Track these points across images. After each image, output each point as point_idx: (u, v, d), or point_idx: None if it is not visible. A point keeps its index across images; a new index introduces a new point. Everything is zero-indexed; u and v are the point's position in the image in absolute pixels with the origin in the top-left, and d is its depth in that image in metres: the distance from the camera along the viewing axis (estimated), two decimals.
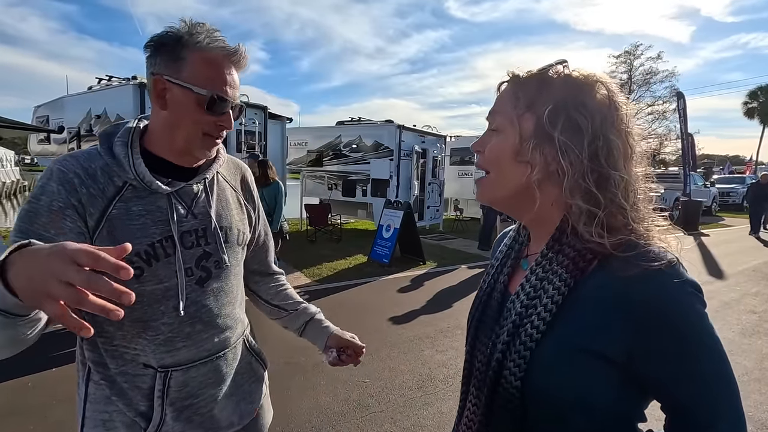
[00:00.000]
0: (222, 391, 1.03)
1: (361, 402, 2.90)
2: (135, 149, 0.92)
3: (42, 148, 8.86)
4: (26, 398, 2.78)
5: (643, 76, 32.93)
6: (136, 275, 0.89)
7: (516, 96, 0.67)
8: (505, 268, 0.78)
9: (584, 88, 0.64)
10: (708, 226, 13.89)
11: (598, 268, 0.62)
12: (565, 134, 0.61)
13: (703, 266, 7.83)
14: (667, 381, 0.60)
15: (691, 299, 0.59)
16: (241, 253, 1.08)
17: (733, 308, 5.30)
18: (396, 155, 9.49)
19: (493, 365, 0.67)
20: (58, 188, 0.85)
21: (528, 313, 0.65)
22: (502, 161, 0.68)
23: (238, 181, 1.12)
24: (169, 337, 0.93)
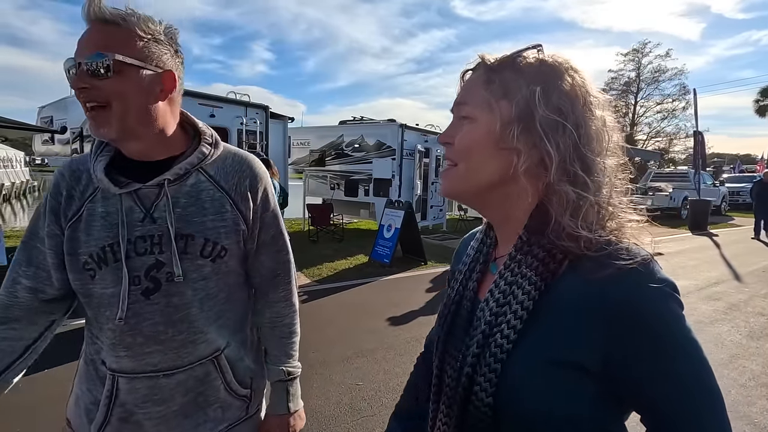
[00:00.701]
0: (171, 410, 0.94)
1: (354, 405, 2.84)
2: (106, 150, 0.91)
3: (46, 148, 8.92)
4: (16, 399, 2.76)
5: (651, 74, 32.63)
6: (90, 275, 0.89)
7: (489, 81, 0.62)
8: (473, 273, 0.72)
9: (560, 74, 0.61)
10: (717, 226, 13.66)
11: (569, 270, 0.58)
12: (549, 119, 0.58)
13: (711, 267, 7.67)
14: (644, 387, 0.55)
15: (667, 299, 0.55)
16: (210, 267, 0.93)
17: (741, 310, 5.17)
18: (398, 154, 9.44)
19: (463, 381, 0.62)
20: (50, 191, 0.93)
21: (498, 322, 0.60)
22: (477, 150, 0.63)
23: (234, 182, 0.97)
24: (113, 343, 0.90)
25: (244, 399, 1.04)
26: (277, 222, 1.07)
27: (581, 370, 0.56)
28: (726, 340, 4.25)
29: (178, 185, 0.92)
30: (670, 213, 15.55)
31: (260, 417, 1.11)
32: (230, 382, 1.00)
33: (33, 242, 0.94)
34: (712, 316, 4.88)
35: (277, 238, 1.07)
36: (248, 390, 1.05)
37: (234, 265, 0.98)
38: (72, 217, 0.90)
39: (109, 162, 0.91)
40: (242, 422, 1.05)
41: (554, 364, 0.56)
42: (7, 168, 20.98)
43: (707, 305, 5.29)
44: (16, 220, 14.72)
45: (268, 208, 1.03)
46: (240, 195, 0.97)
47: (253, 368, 1.08)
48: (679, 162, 31.26)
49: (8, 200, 19.02)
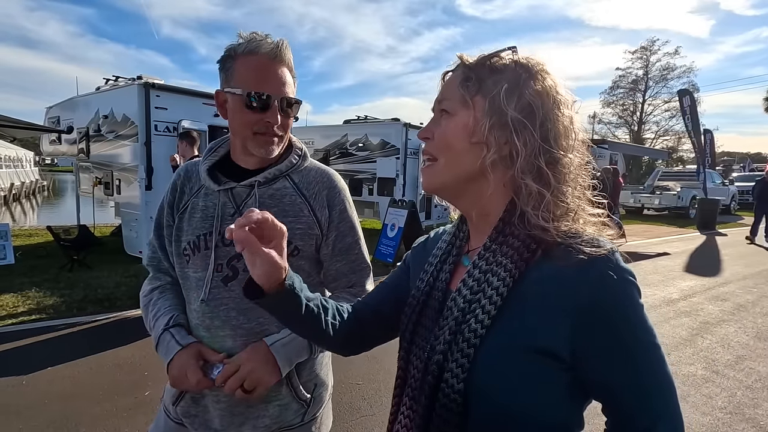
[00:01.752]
0: (230, 398, 1.01)
1: (353, 405, 2.83)
2: (214, 154, 1.09)
3: (54, 148, 9.00)
4: (19, 396, 2.78)
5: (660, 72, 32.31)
6: (186, 260, 1.06)
7: (466, 78, 0.65)
8: (445, 265, 0.74)
9: (532, 74, 0.64)
10: (726, 226, 13.49)
11: (542, 259, 0.61)
12: (518, 115, 0.61)
13: (719, 266, 7.58)
14: (605, 372, 0.58)
15: (630, 287, 0.58)
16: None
17: (749, 311, 5.09)
18: (402, 154, 9.41)
19: (432, 368, 0.62)
20: (169, 187, 1.12)
21: (471, 308, 0.62)
22: (454, 144, 0.65)
23: (315, 191, 1.08)
24: (197, 323, 1.04)
25: (303, 404, 1.08)
26: (354, 233, 1.13)
27: (552, 357, 0.57)
28: (733, 341, 4.19)
29: (266, 187, 1.05)
30: (679, 212, 15.38)
31: (314, 427, 1.12)
32: (294, 382, 1.05)
33: (158, 231, 1.13)
34: (719, 317, 4.81)
35: (353, 247, 1.13)
36: (309, 396, 1.09)
37: (305, 265, 1.08)
38: (181, 209, 1.09)
39: (213, 164, 1.08)
40: (296, 428, 1.08)
41: (527, 350, 0.58)
42: (17, 168, 21.26)
43: (714, 305, 5.22)
44: (26, 219, 14.90)
45: (344, 218, 1.11)
46: (318, 203, 1.08)
47: (319, 375, 1.13)
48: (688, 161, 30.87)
49: (18, 199, 19.26)
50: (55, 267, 5.78)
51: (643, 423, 0.58)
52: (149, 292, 1.12)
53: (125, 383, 2.98)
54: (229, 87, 0.99)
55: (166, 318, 1.04)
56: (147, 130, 5.99)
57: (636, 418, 0.58)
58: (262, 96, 0.97)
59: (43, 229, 8.87)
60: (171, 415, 1.09)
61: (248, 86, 0.96)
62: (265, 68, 0.98)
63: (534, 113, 0.61)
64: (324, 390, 1.15)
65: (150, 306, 1.09)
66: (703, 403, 3.03)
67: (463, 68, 0.67)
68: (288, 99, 1.01)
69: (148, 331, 1.09)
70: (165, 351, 1.00)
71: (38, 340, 3.64)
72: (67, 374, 3.08)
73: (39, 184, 24.93)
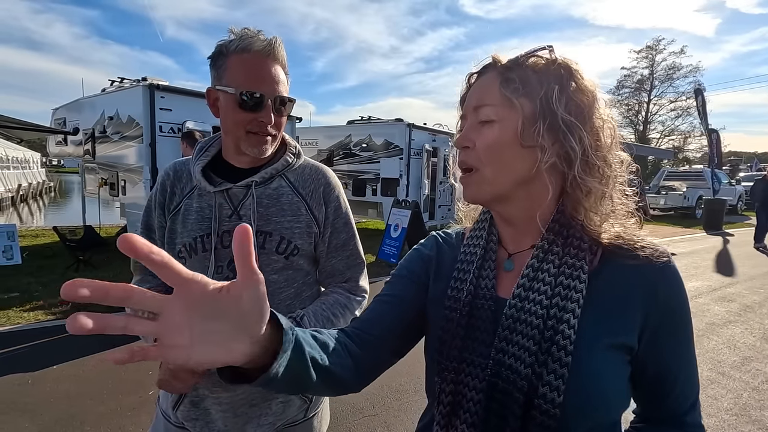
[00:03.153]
0: (238, 397, 1.02)
1: (355, 404, 2.83)
2: (205, 154, 1.06)
3: (60, 149, 9.08)
4: (24, 395, 2.81)
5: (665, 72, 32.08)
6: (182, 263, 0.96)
7: (507, 80, 0.62)
8: (484, 271, 0.68)
9: (573, 73, 0.62)
10: (733, 226, 13.37)
11: (604, 259, 0.62)
12: (570, 114, 0.60)
13: (725, 267, 7.51)
14: (668, 361, 0.62)
15: (685, 289, 0.63)
16: (283, 263, 1.03)
17: (755, 311, 5.05)
18: (406, 154, 9.40)
19: (521, 385, 0.56)
20: (157, 187, 1.08)
21: (552, 314, 0.58)
22: (504, 151, 0.61)
23: (311, 189, 1.08)
24: None
25: (305, 400, 1.09)
26: (349, 228, 1.13)
27: (627, 351, 0.59)
28: (739, 342, 4.15)
29: (263, 187, 1.04)
30: (685, 212, 15.26)
31: (316, 422, 1.14)
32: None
33: (149, 233, 1.09)
34: (726, 318, 4.77)
35: (348, 242, 1.13)
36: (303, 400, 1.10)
37: (304, 264, 1.07)
38: (173, 211, 1.05)
39: (206, 164, 1.05)
40: (299, 424, 1.10)
41: (612, 347, 0.58)
42: (25, 169, 21.45)
43: (720, 306, 5.18)
44: (33, 220, 15.04)
45: (339, 215, 1.11)
46: (315, 201, 1.07)
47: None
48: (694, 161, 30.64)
49: (25, 200, 19.44)
50: (61, 267, 5.83)
51: (687, 404, 0.64)
52: None
53: (129, 382, 3.00)
54: (221, 85, 0.97)
55: None
56: (152, 131, 6.03)
57: (683, 400, 0.64)
58: (256, 95, 0.95)
59: (50, 229, 8.94)
60: (171, 419, 1.08)
61: (241, 85, 0.95)
62: (258, 66, 0.96)
63: (583, 112, 0.60)
64: None
65: None
66: (708, 404, 3.00)
67: (501, 69, 0.63)
68: (281, 98, 0.99)
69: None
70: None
71: (45, 339, 3.67)
72: (73, 373, 3.11)
73: (46, 185, 25.14)
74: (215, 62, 0.99)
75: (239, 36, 0.96)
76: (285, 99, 1.00)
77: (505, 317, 0.61)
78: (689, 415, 0.64)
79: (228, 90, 0.95)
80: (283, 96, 1.00)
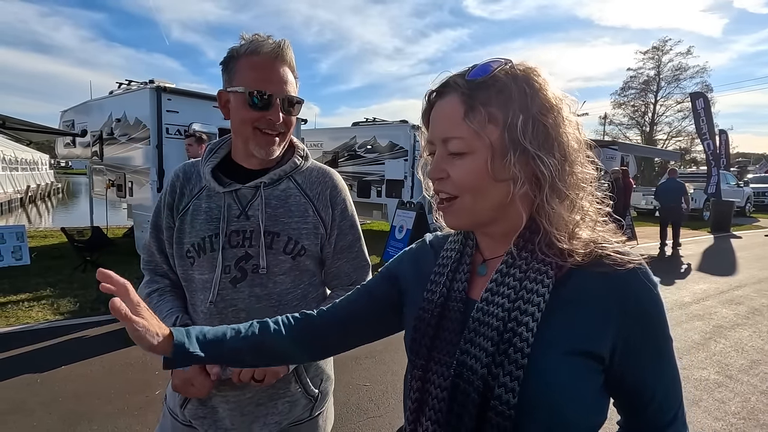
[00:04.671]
0: (246, 396, 1.03)
1: (360, 406, 2.84)
2: (215, 156, 1.08)
3: (68, 151, 9.18)
4: (33, 394, 2.84)
5: (672, 73, 31.87)
6: (190, 262, 1.05)
7: (470, 107, 0.60)
8: (458, 274, 0.69)
9: (534, 86, 0.60)
10: (740, 228, 13.23)
11: (577, 267, 0.61)
12: (537, 140, 0.59)
13: (733, 269, 7.43)
14: (642, 372, 0.61)
15: (660, 295, 0.61)
16: (290, 263, 1.04)
17: (764, 314, 4.99)
18: (411, 155, 9.41)
19: (477, 385, 0.57)
20: (166, 188, 1.11)
21: (512, 317, 0.59)
22: (478, 184, 0.61)
23: (318, 191, 1.09)
24: (203, 324, 1.01)
25: (311, 399, 1.11)
26: (354, 231, 1.15)
27: (595, 359, 0.58)
28: (747, 345, 4.11)
29: (272, 189, 1.05)
30: (692, 214, 15.13)
31: (321, 421, 1.15)
32: (303, 379, 1.08)
33: (157, 234, 1.12)
34: (734, 321, 4.73)
35: (353, 244, 1.15)
36: (317, 391, 1.12)
37: (311, 265, 1.09)
38: (181, 211, 1.07)
39: (215, 166, 1.08)
40: (305, 422, 1.12)
41: (574, 353, 0.58)
42: (33, 170, 21.69)
43: (728, 309, 5.13)
44: (42, 221, 15.20)
45: (345, 217, 1.13)
46: (321, 203, 1.09)
47: (324, 371, 1.15)
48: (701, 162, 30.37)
49: (34, 201, 19.64)
50: (69, 268, 5.89)
51: (668, 417, 0.63)
52: (147, 295, 1.11)
53: (136, 382, 3.03)
54: (231, 87, 1.00)
55: (171, 320, 1.03)
56: (159, 133, 6.09)
57: (663, 413, 0.63)
58: (264, 94, 0.97)
59: (58, 230, 9.04)
60: (179, 417, 1.09)
61: (250, 85, 0.97)
62: (267, 67, 0.98)
63: (550, 134, 0.59)
64: (329, 384, 1.18)
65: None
66: (715, 408, 2.98)
67: (461, 96, 0.61)
68: (290, 98, 1.01)
69: None
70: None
71: (53, 339, 3.71)
72: (80, 373, 3.14)
73: (54, 186, 25.39)
74: (226, 66, 1.02)
75: (249, 41, 0.99)
76: (293, 99, 1.02)
77: (471, 320, 0.62)
78: (670, 427, 0.63)
79: (238, 90, 0.98)
80: (291, 96, 1.02)
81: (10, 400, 2.75)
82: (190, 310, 1.08)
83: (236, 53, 1.00)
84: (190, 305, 1.08)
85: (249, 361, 0.77)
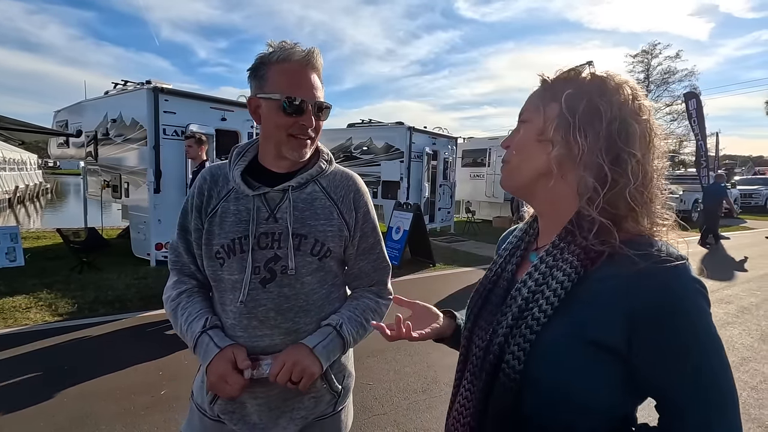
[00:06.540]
0: (273, 392, 1.06)
1: (365, 404, 2.88)
2: (242, 159, 1.12)
3: (62, 151, 9.09)
4: (37, 395, 2.84)
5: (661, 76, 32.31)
6: (220, 263, 1.08)
7: (543, 89, 0.73)
8: (513, 258, 0.80)
9: (608, 83, 0.68)
10: (728, 229, 13.49)
11: (608, 262, 0.63)
12: (585, 116, 0.65)
13: (722, 269, 7.60)
14: (663, 377, 0.60)
15: (696, 296, 0.60)
16: (316, 264, 1.08)
17: (752, 313, 5.13)
18: (407, 157, 9.48)
19: (494, 349, 0.67)
20: (194, 191, 1.13)
21: (534, 298, 0.66)
22: (526, 144, 0.72)
23: (342, 194, 1.13)
24: (233, 323, 1.06)
25: (334, 394, 1.14)
26: (376, 233, 1.19)
27: (606, 350, 0.61)
28: (737, 343, 4.23)
29: (298, 192, 1.09)
30: (681, 215, 15.35)
31: (343, 415, 1.19)
32: (328, 376, 1.11)
33: (184, 235, 1.14)
34: (724, 319, 4.85)
35: (375, 246, 1.19)
36: (340, 387, 1.15)
37: (334, 266, 1.13)
38: (210, 213, 1.09)
39: (243, 169, 1.10)
40: (329, 417, 1.15)
41: (584, 341, 0.61)
42: (22, 171, 21.37)
43: (718, 308, 5.25)
44: (30, 221, 14.98)
45: (368, 220, 1.17)
46: (345, 206, 1.13)
47: (347, 367, 1.19)
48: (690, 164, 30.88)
49: (22, 202, 19.35)
50: (65, 269, 5.84)
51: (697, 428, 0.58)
52: (177, 296, 1.12)
53: (141, 383, 3.04)
54: (263, 93, 1.03)
55: (201, 321, 1.06)
56: (156, 134, 6.07)
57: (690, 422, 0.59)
58: (298, 101, 1.01)
59: (50, 231, 8.94)
60: (207, 413, 1.12)
61: (284, 91, 1.00)
62: (299, 74, 1.02)
63: (600, 114, 0.65)
64: (351, 380, 1.22)
65: (179, 310, 1.10)
66: None
67: (543, 84, 0.74)
68: (320, 103, 1.05)
69: (179, 334, 1.10)
70: (203, 353, 1.02)
71: (53, 340, 3.70)
72: (84, 374, 3.14)
73: (42, 186, 25.02)
74: (256, 73, 1.05)
75: (279, 48, 1.02)
76: (323, 104, 1.06)
77: (510, 296, 0.71)
78: None
79: (272, 96, 1.01)
80: (322, 101, 1.06)
81: (15, 401, 2.74)
82: (218, 309, 1.10)
83: (267, 60, 1.03)
84: (219, 304, 1.10)
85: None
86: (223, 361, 0.99)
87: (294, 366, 0.98)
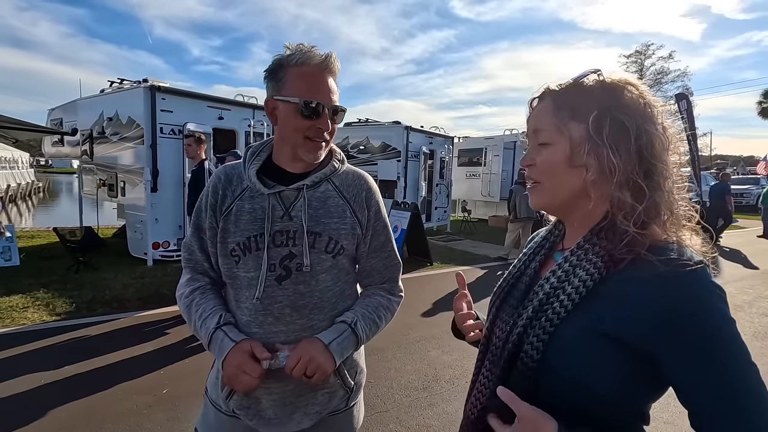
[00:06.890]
0: (288, 388, 1.08)
1: (367, 402, 2.87)
2: (257, 158, 1.14)
3: (56, 150, 9.02)
4: (39, 395, 2.83)
5: (654, 76, 32.58)
6: (235, 261, 1.09)
7: (557, 107, 0.72)
8: (537, 256, 0.83)
9: (620, 91, 0.69)
10: None
11: (630, 265, 0.65)
12: (613, 134, 0.66)
13: (714, 268, 7.69)
14: (690, 378, 0.60)
15: (716, 301, 0.61)
16: (330, 262, 1.10)
17: (745, 311, 5.22)
18: (404, 156, 9.51)
19: (513, 339, 0.70)
20: (208, 190, 1.14)
21: (556, 294, 0.69)
22: (555, 170, 0.72)
23: (354, 193, 1.15)
24: (248, 320, 1.08)
25: (347, 390, 1.16)
26: (387, 231, 1.21)
27: (622, 346, 0.62)
28: None
29: (312, 191, 1.11)
30: None
31: (356, 411, 1.21)
32: (341, 371, 1.13)
33: (199, 233, 1.16)
34: None
35: (386, 244, 1.22)
36: (353, 382, 1.17)
37: (347, 263, 1.15)
38: (225, 212, 1.10)
39: (258, 168, 1.12)
40: (342, 412, 1.17)
41: (597, 332, 0.63)
42: (13, 169, 21.12)
43: None
44: (22, 221, 14.82)
45: (379, 218, 1.19)
46: (358, 204, 1.15)
47: (359, 363, 1.22)
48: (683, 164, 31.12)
49: (14, 201, 19.14)
50: (61, 268, 5.80)
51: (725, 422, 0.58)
52: (190, 293, 1.14)
53: (143, 382, 3.04)
54: (280, 95, 1.04)
55: (215, 317, 1.07)
56: (153, 133, 6.04)
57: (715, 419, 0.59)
58: (315, 104, 1.03)
59: (45, 230, 8.87)
60: (222, 408, 1.13)
61: (302, 95, 1.02)
62: (317, 78, 1.04)
63: (627, 130, 0.66)
64: (363, 376, 1.24)
65: (193, 306, 1.12)
66: None
67: (552, 97, 0.73)
68: (336, 107, 1.07)
69: (193, 330, 1.12)
70: (218, 348, 1.03)
71: (52, 340, 3.69)
72: (85, 373, 3.13)
73: (35, 185, 24.76)
74: (274, 75, 1.06)
75: (296, 50, 1.04)
76: (338, 108, 1.08)
77: (532, 292, 0.74)
78: None
79: (290, 100, 1.03)
80: (337, 105, 1.08)
81: (17, 401, 2.74)
82: (233, 307, 1.12)
83: (285, 63, 1.04)
84: (234, 301, 1.11)
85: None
86: (240, 353, 1.00)
87: (310, 362, 1.00)
